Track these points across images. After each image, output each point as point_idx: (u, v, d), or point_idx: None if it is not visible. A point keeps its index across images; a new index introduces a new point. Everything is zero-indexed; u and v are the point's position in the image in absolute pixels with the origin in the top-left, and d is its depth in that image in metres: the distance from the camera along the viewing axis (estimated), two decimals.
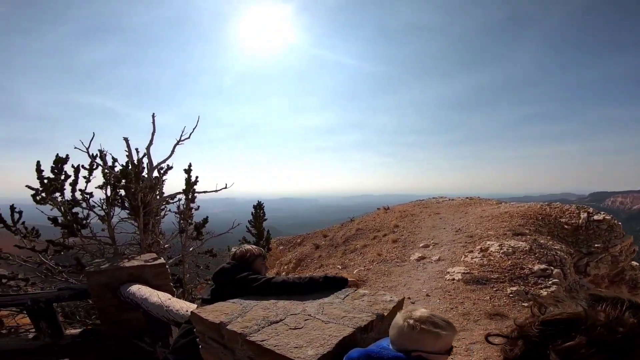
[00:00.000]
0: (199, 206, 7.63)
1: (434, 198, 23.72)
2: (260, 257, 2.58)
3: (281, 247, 21.49)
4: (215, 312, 1.94)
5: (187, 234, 7.37)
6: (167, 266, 4.45)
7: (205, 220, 7.50)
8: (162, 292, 3.56)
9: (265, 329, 1.73)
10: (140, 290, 3.71)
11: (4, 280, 5.55)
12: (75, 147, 5.85)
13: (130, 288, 3.81)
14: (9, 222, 5.91)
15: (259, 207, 13.53)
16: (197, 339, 2.02)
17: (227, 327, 1.77)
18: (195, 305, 3.07)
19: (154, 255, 4.94)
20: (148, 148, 6.76)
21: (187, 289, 6.92)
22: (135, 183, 5.79)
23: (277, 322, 1.81)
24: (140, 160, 6.13)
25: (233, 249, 2.61)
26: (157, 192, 6.36)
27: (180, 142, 7.22)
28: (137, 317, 4.13)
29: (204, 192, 7.46)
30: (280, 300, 2.08)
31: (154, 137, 6.92)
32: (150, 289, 3.72)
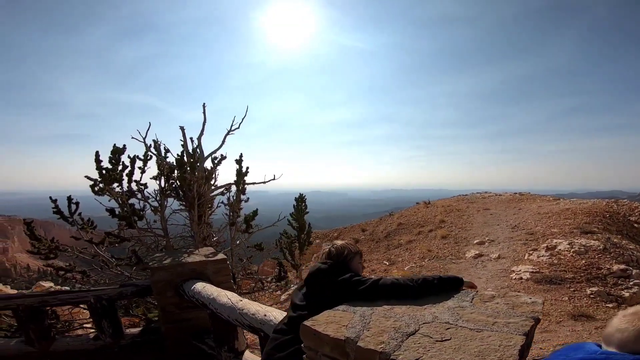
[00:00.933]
0: (248, 198, 7.38)
1: (478, 193, 22.93)
2: (358, 254, 2.19)
3: (317, 241, 21.27)
4: (332, 325, 1.58)
5: (237, 226, 7.13)
6: (228, 262, 4.16)
7: (255, 212, 7.23)
8: (229, 292, 3.26)
9: (407, 344, 1.35)
10: (205, 288, 3.43)
11: (61, 273, 5.53)
12: (132, 137, 5.72)
13: (195, 286, 3.54)
14: (66, 213, 5.91)
15: (300, 200, 13.28)
16: (304, 356, 1.64)
17: (359, 344, 1.39)
18: (272, 309, 2.71)
19: (212, 249, 4.70)
20: (199, 138, 6.57)
21: (238, 284, 6.69)
22: (190, 173, 5.58)
23: (412, 333, 1.44)
24: (195, 150, 5.92)
25: (325, 247, 2.24)
26: (212, 183, 6.14)
27: (230, 132, 6.99)
28: (198, 316, 3.90)
29: (253, 183, 7.18)
30: (395, 306, 1.73)
31: (205, 127, 6.74)
32: (217, 288, 3.43)
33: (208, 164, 6.46)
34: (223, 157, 6.33)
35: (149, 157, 6.12)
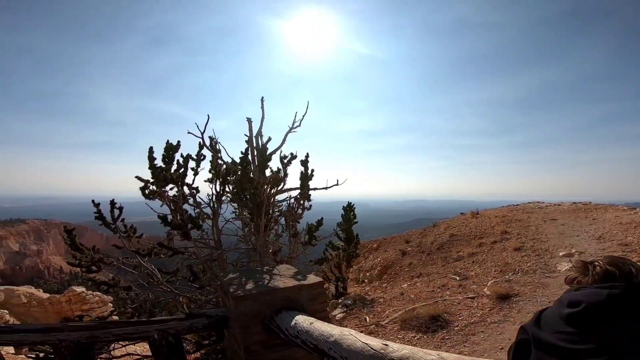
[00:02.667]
0: (311, 205, 6.31)
1: (529, 203, 21.36)
2: None
3: None
4: None
5: (299, 238, 6.05)
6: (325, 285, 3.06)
7: (320, 222, 6.14)
8: (358, 332, 2.12)
9: None
10: (315, 325, 2.34)
11: (103, 287, 4.61)
12: (188, 132, 4.90)
13: (296, 321, 2.47)
14: (109, 219, 5.03)
15: (349, 208, 12.08)
16: None
17: None
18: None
19: (292, 267, 3.66)
20: (259, 132, 5.64)
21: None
22: (261, 173, 4.59)
23: None
24: (265, 145, 4.93)
25: (599, 263, 1.15)
26: (281, 187, 5.11)
27: (292, 130, 6.05)
28: (289, 357, 2.83)
29: (314, 189, 6.09)
30: None
31: (263, 123, 5.79)
32: (333, 326, 2.33)
33: (274, 165, 5.46)
34: (293, 157, 5.30)
35: (202, 157, 5.21)
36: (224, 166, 5.24)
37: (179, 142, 4.78)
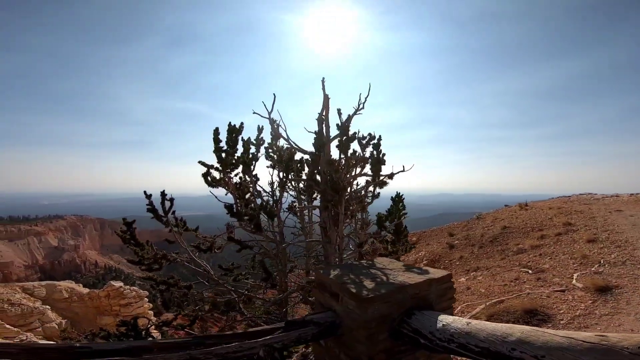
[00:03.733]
0: (379, 193, 5.57)
1: (581, 195, 19.89)
2: None
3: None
4: None
5: (365, 228, 5.31)
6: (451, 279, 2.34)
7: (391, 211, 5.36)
8: (536, 327, 1.34)
9: None
10: (474, 325, 1.72)
11: (162, 287, 4.03)
12: (254, 112, 4.17)
13: (443, 322, 1.84)
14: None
15: (398, 199, 11.23)
16: None
17: None
18: None
19: (393, 260, 2.94)
20: (320, 117, 4.90)
21: None
22: (344, 154, 3.88)
23: None
24: (346, 126, 4.15)
25: None
26: (360, 171, 4.37)
27: (357, 112, 5.30)
28: None
29: (387, 175, 5.29)
30: None
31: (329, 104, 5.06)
32: (499, 324, 1.58)
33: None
34: (372, 137, 4.54)
35: (261, 141, 4.54)
36: (286, 150, 4.54)
37: (242, 123, 4.13)
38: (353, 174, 4.14)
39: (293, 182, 4.68)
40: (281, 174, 4.41)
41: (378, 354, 2.07)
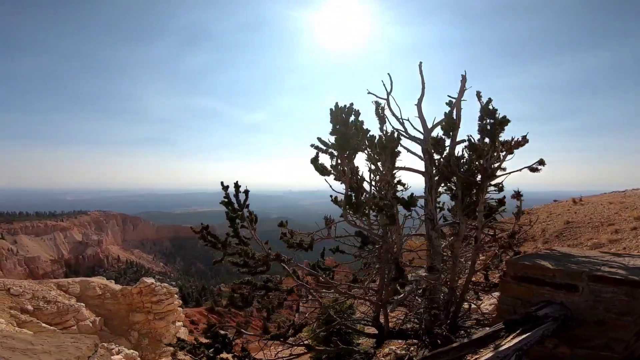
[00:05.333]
0: (501, 184, 4.67)
1: (635, 189, 18.86)
2: None
3: None
4: None
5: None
6: None
7: (502, 201, 4.44)
8: None
9: None
10: None
11: (260, 292, 3.27)
12: (368, 92, 3.78)
13: None
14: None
15: (517, 196, 10.37)
16: None
17: None
18: None
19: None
20: (419, 103, 4.19)
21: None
22: (491, 140, 3.15)
23: None
24: (493, 110, 3.38)
25: None
26: (504, 158, 3.70)
27: (462, 99, 4.47)
28: None
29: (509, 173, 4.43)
30: None
31: (424, 91, 4.35)
32: None
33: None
34: (506, 120, 3.73)
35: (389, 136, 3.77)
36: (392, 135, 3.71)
37: (352, 104, 3.40)
38: (497, 160, 3.38)
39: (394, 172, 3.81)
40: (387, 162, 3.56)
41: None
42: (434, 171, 3.88)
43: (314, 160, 3.33)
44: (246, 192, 3.65)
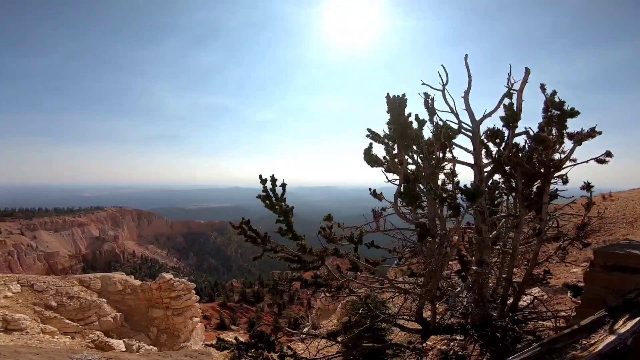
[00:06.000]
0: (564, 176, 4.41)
1: None
2: None
3: None
4: None
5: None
6: None
7: (555, 195, 4.15)
8: None
9: None
10: None
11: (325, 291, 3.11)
12: (423, 83, 3.63)
13: None
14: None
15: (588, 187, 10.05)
16: None
17: None
18: None
19: None
20: (466, 96, 3.98)
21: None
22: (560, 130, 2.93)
23: None
24: (560, 102, 3.13)
25: None
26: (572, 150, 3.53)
27: (512, 89, 4.16)
28: None
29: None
30: None
31: (471, 83, 4.16)
32: None
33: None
34: (576, 112, 3.49)
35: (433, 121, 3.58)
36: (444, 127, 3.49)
37: (404, 94, 3.20)
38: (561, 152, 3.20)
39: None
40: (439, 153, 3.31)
41: None
42: (489, 162, 3.68)
43: (367, 151, 3.28)
44: (283, 185, 3.54)
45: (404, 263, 4.68)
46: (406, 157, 3.08)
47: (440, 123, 3.50)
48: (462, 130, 3.77)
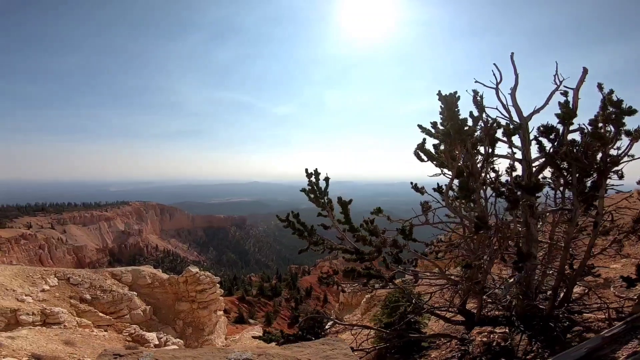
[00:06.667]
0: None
1: None
2: None
3: None
4: None
5: None
6: None
7: None
8: None
9: None
10: None
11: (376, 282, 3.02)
12: (476, 81, 3.60)
13: None
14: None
15: None
16: None
17: None
18: None
19: None
20: (513, 92, 3.95)
21: None
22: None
23: None
24: (619, 101, 3.20)
25: None
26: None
27: (559, 89, 4.02)
28: None
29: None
30: None
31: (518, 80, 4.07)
32: None
33: None
34: (634, 110, 3.37)
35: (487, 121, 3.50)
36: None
37: (456, 92, 3.17)
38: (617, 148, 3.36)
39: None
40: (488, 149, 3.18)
41: None
42: (538, 157, 3.60)
43: (421, 146, 3.33)
44: (326, 179, 3.50)
45: (442, 257, 4.71)
46: (461, 152, 2.97)
47: (495, 119, 3.40)
48: (514, 127, 3.67)
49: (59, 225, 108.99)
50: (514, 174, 3.76)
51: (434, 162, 3.43)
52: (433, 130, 3.26)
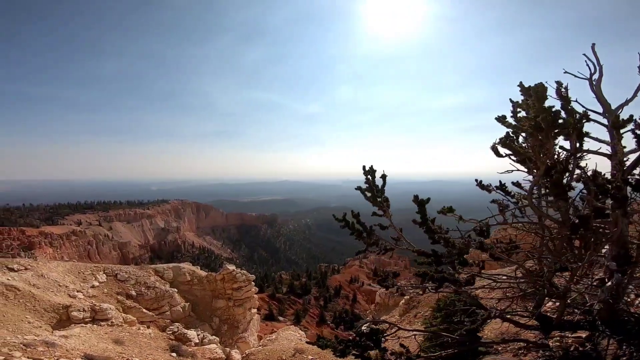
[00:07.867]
0: None
1: None
2: None
3: None
4: None
5: None
6: None
7: None
8: None
9: None
10: None
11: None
12: (565, 72, 3.47)
13: None
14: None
15: None
16: None
17: None
18: None
19: None
20: (598, 84, 3.69)
21: None
22: None
23: None
24: None
25: None
26: None
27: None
28: None
29: None
30: None
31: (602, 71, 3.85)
32: None
33: None
34: None
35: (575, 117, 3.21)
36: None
37: (541, 83, 2.99)
38: None
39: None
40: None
41: None
42: (630, 151, 3.19)
43: (504, 141, 3.19)
44: (383, 177, 3.32)
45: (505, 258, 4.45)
46: (551, 147, 2.68)
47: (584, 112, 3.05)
48: (595, 120, 3.25)
49: (106, 222, 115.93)
50: (602, 171, 3.42)
51: (513, 158, 3.17)
52: (514, 123, 3.01)
